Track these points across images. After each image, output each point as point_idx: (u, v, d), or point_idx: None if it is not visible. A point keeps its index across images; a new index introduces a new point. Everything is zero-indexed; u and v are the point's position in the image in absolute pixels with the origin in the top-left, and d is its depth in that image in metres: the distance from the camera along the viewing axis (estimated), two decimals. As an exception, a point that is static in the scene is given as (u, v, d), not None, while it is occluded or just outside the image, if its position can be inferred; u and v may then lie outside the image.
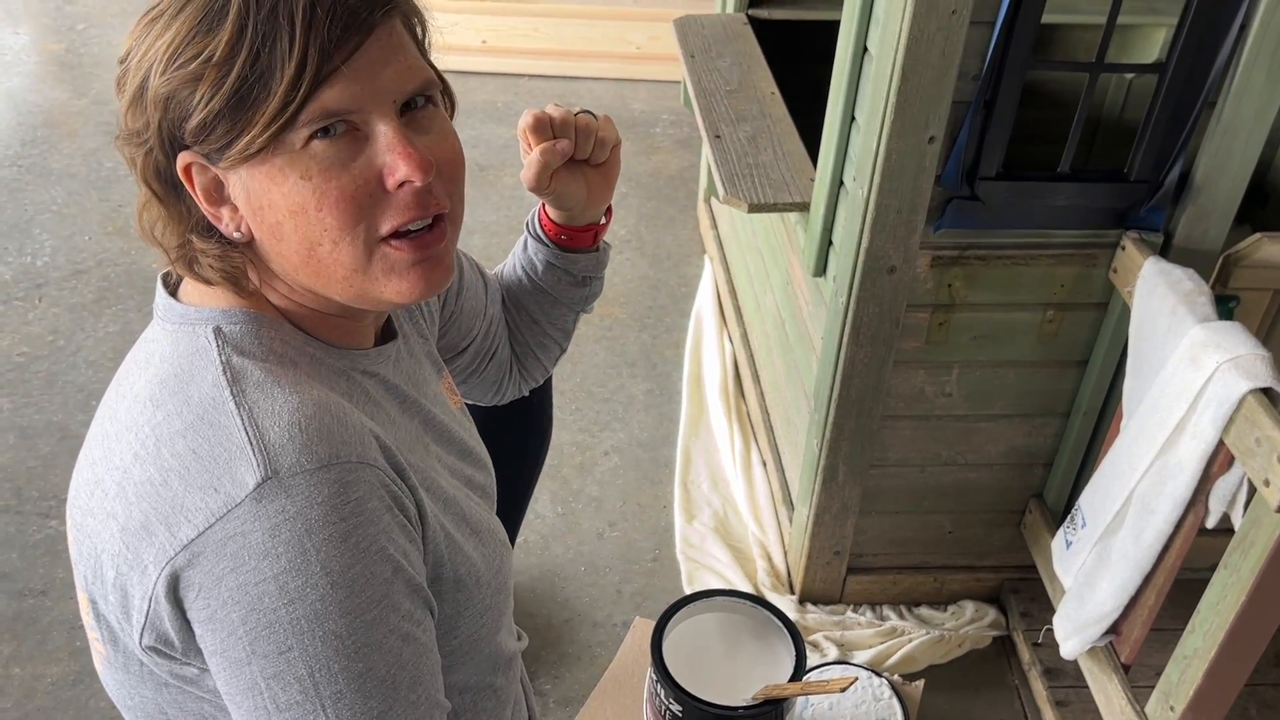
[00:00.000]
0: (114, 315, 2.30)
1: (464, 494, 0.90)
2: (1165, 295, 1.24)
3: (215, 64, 0.70)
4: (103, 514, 0.75)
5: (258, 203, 0.74)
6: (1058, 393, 1.50)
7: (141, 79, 0.72)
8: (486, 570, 0.88)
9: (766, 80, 1.90)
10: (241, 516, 0.69)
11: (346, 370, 0.82)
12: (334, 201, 0.73)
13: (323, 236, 0.74)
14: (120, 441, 0.75)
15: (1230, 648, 1.16)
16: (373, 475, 0.74)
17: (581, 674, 1.64)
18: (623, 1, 3.52)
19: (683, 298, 2.43)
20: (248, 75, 0.70)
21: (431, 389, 0.93)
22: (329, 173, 0.72)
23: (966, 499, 1.62)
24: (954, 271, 1.37)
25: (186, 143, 0.73)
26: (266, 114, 0.70)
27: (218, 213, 0.76)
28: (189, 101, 0.71)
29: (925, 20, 1.16)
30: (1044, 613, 1.61)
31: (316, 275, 0.76)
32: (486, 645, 0.92)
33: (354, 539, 0.71)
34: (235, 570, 0.69)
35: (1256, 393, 1.08)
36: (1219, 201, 1.30)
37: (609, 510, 1.92)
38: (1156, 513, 1.22)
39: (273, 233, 0.75)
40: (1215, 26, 1.19)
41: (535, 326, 1.16)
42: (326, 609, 0.70)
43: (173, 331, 0.78)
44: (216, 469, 0.70)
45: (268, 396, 0.73)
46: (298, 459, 0.70)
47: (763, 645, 1.36)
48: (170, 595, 0.71)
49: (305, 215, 0.73)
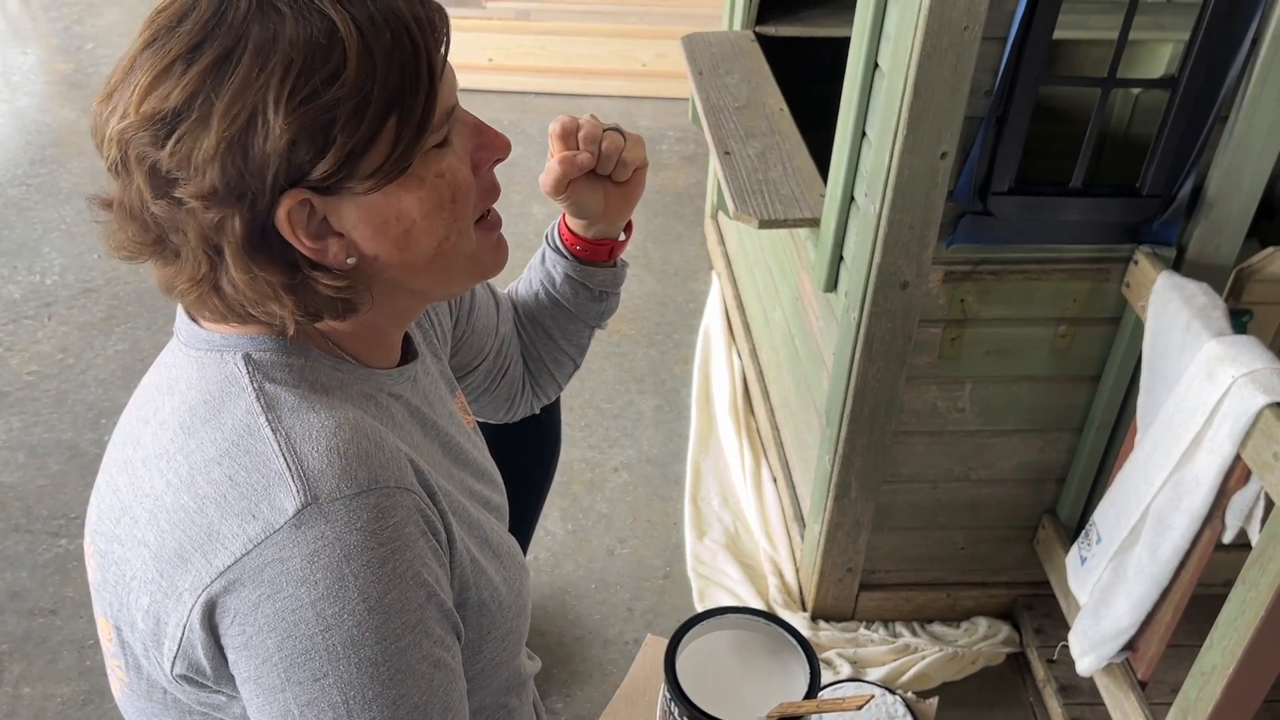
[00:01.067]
0: (123, 334, 2.30)
1: (484, 516, 0.90)
2: (1179, 310, 1.24)
3: (352, 89, 0.67)
4: (132, 541, 0.74)
5: (383, 218, 0.73)
6: (1071, 408, 1.50)
7: (246, 121, 0.66)
8: (508, 593, 0.88)
9: (775, 96, 1.90)
10: (280, 543, 0.69)
11: (373, 394, 0.81)
12: (464, 191, 0.77)
13: (452, 228, 0.77)
14: (149, 469, 0.75)
15: (1249, 663, 1.15)
16: (409, 500, 0.74)
17: (593, 692, 1.63)
18: (629, 19, 3.54)
19: (691, 314, 2.43)
20: (384, 95, 0.69)
21: (446, 408, 0.94)
22: (453, 165, 0.76)
23: (979, 515, 1.61)
24: (966, 286, 1.37)
25: (301, 182, 0.69)
26: (409, 129, 0.70)
27: (322, 246, 0.73)
28: (325, 134, 0.67)
29: (937, 37, 1.16)
30: (1058, 629, 1.60)
31: (440, 270, 0.79)
32: (506, 668, 0.92)
33: (391, 564, 0.71)
34: (272, 597, 0.69)
35: (1274, 407, 1.08)
36: (1232, 216, 1.30)
37: (619, 527, 1.92)
38: (1173, 528, 1.21)
39: (398, 244, 0.75)
40: (1227, 40, 1.19)
41: (550, 341, 1.16)
42: (363, 635, 0.70)
43: (198, 358, 0.77)
44: (254, 495, 0.70)
45: (303, 422, 0.72)
46: (337, 484, 0.70)
47: (777, 663, 1.36)
48: (205, 623, 0.71)
49: (441, 212, 0.75)
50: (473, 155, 0.78)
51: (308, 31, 0.67)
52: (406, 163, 0.71)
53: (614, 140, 1.00)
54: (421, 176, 0.73)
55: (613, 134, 1.00)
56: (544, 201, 2.84)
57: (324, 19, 0.67)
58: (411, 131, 0.70)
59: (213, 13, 0.68)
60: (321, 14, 0.67)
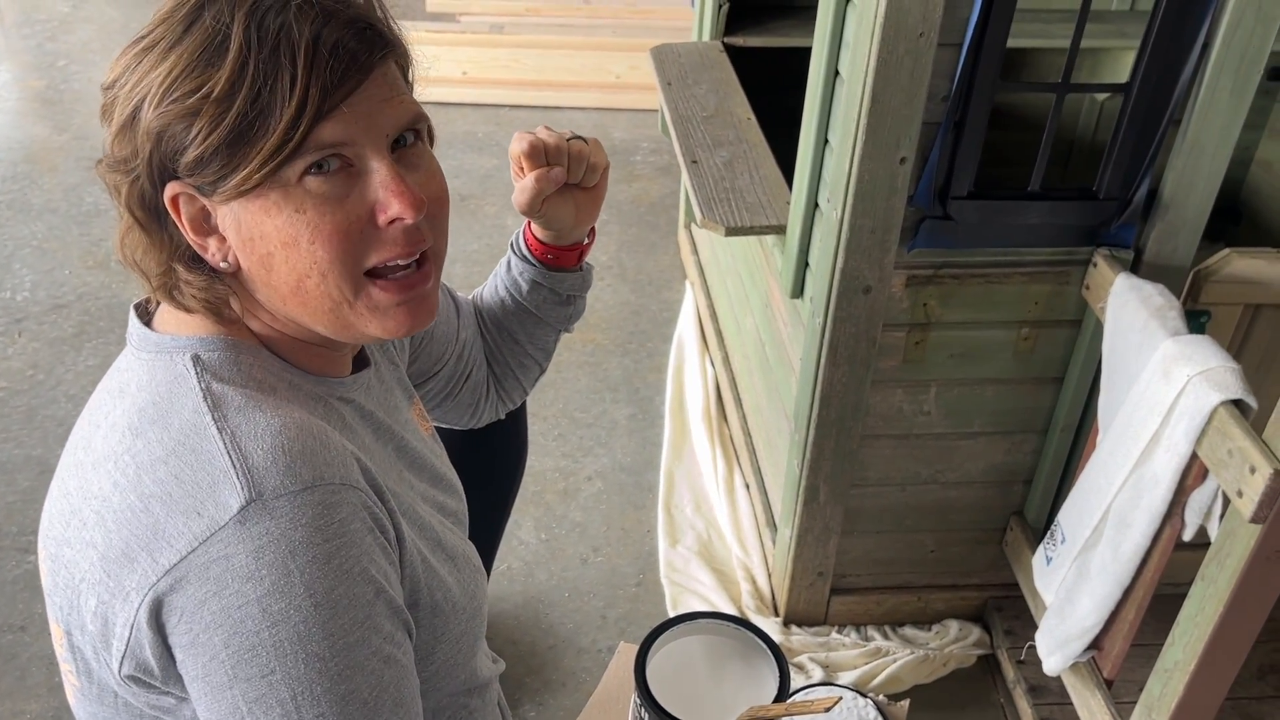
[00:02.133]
0: (94, 349, 2.29)
1: (438, 520, 0.90)
2: (1137, 311, 1.25)
3: (215, 100, 0.70)
4: (81, 543, 0.75)
5: (249, 234, 0.75)
6: (1035, 409, 1.51)
7: (133, 109, 0.72)
8: (462, 596, 0.88)
9: (742, 106, 1.92)
10: (225, 540, 0.69)
11: (324, 396, 0.82)
12: (327, 236, 0.74)
13: (312, 269, 0.75)
14: (98, 471, 0.75)
15: (1210, 660, 1.17)
16: (355, 497, 0.74)
17: (566, 700, 1.63)
18: (602, 32, 3.56)
19: (664, 323, 2.44)
20: (248, 112, 0.70)
21: (403, 415, 0.94)
22: (323, 207, 0.74)
23: (948, 517, 1.63)
24: (929, 290, 1.38)
25: (178, 174, 0.73)
26: (264, 150, 0.71)
27: (204, 243, 0.76)
28: (184, 136, 0.72)
29: (894, 43, 1.18)
30: (1028, 630, 1.61)
31: (303, 306, 0.77)
32: (462, 670, 0.92)
33: (337, 560, 0.71)
34: (218, 594, 0.69)
35: (1228, 404, 1.10)
36: (1187, 218, 1.32)
37: (592, 535, 1.92)
38: (1134, 526, 1.23)
39: (262, 263, 0.76)
40: (1178, 46, 1.21)
41: (516, 346, 1.17)
42: (310, 631, 0.70)
43: (149, 360, 0.78)
44: (199, 493, 0.70)
45: (249, 420, 0.73)
46: (281, 481, 0.71)
47: (747, 667, 1.36)
48: (152, 621, 0.71)
49: (297, 248, 0.74)
50: (372, 204, 0.76)
51: (206, 42, 0.71)
52: (250, 184, 0.72)
53: (579, 148, 1.01)
54: (280, 205, 0.73)
55: (576, 142, 1.01)
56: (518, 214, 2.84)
57: (225, 34, 0.71)
58: (264, 155, 0.71)
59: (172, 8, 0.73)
60: (226, 29, 0.71)
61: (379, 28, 0.76)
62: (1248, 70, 1.21)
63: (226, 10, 0.71)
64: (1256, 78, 1.22)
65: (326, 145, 0.73)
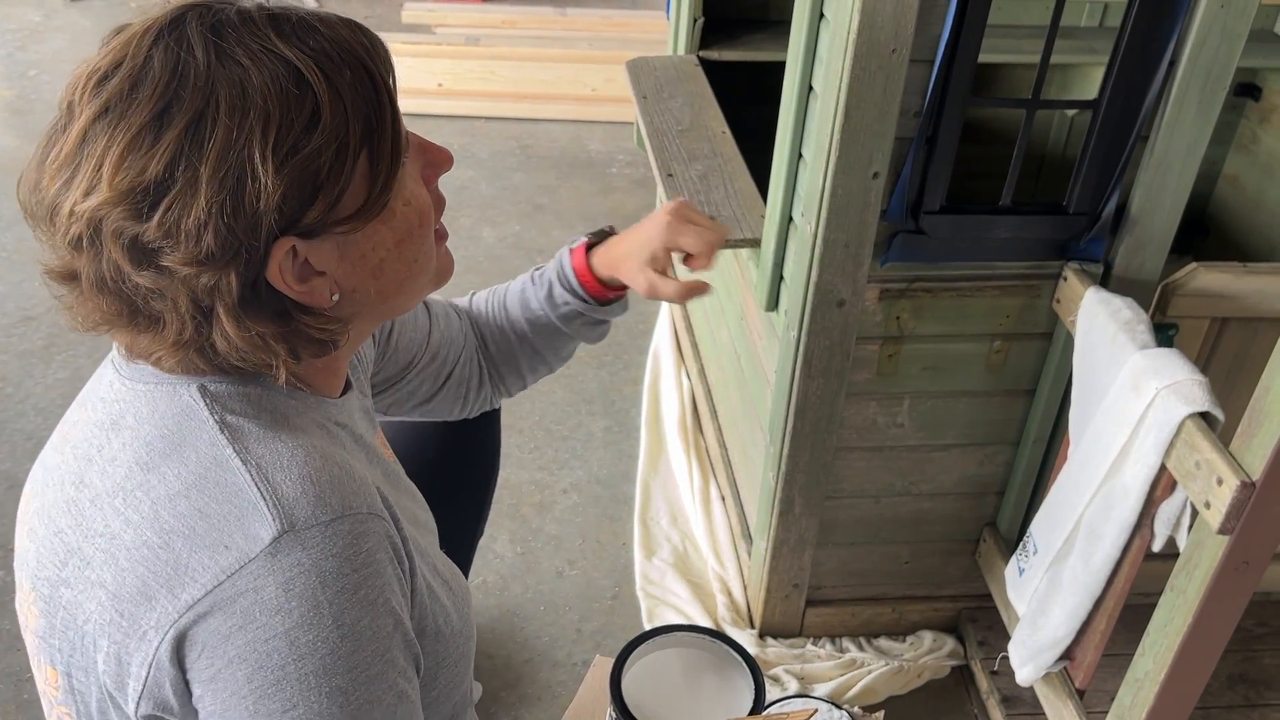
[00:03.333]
0: (64, 362, 2.27)
1: (428, 542, 0.90)
2: (1106, 324, 1.27)
3: (330, 132, 0.67)
4: (85, 583, 0.72)
5: (359, 251, 0.73)
6: (1007, 422, 1.53)
7: (235, 183, 0.65)
8: (458, 619, 0.88)
9: (717, 120, 1.93)
10: (255, 572, 0.68)
11: (323, 423, 0.81)
12: (427, 212, 0.78)
13: (419, 250, 0.78)
14: (100, 508, 0.73)
15: (1180, 669, 1.18)
16: (381, 526, 0.73)
17: (541, 714, 1.63)
18: (578, 44, 3.57)
19: (640, 335, 2.44)
20: (359, 131, 0.69)
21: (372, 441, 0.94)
22: (414, 190, 0.77)
23: (922, 529, 1.63)
24: (902, 304, 1.40)
25: (288, 232, 0.68)
26: (384, 161, 0.71)
27: (309, 289, 0.72)
28: (313, 182, 0.67)
29: (866, 59, 1.19)
30: (1001, 641, 1.62)
31: (409, 290, 0.80)
32: (457, 692, 0.92)
33: (364, 591, 0.70)
34: (244, 627, 0.68)
35: (1195, 417, 1.11)
36: (1155, 232, 1.34)
37: (568, 549, 1.92)
38: (1104, 538, 1.24)
39: (373, 273, 0.75)
40: (1146, 62, 1.23)
41: (536, 355, 1.20)
42: (335, 663, 0.69)
43: (146, 392, 0.75)
44: (227, 526, 0.69)
45: (272, 451, 0.72)
46: (313, 511, 0.69)
47: (722, 680, 1.36)
48: (173, 658, 0.69)
49: (411, 237, 0.76)
50: (422, 173, 0.79)
51: (275, 80, 0.66)
52: (387, 196, 0.72)
53: (721, 233, 1.11)
54: (393, 208, 0.74)
55: (720, 227, 1.11)
56: (494, 225, 2.85)
57: (286, 65, 0.67)
58: (386, 165, 0.71)
59: (170, 73, 0.66)
60: (283, 59, 0.67)
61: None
62: (1214, 86, 1.23)
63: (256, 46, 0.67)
64: (1222, 94, 1.24)
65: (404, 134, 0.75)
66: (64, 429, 0.81)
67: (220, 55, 0.66)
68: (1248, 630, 1.64)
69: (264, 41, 0.67)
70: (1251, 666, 1.60)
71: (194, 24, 0.67)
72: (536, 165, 3.13)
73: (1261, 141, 2.02)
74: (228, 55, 0.66)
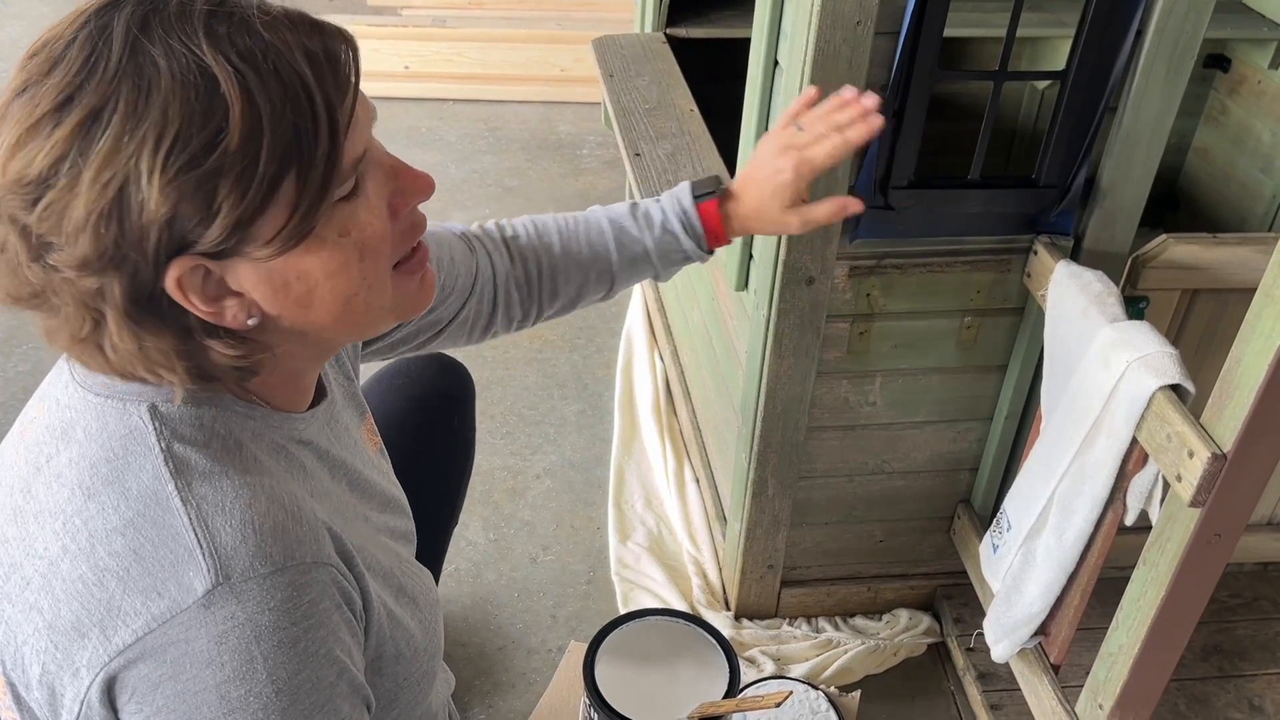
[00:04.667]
0: (24, 354, 2.22)
1: (395, 558, 0.87)
2: (1076, 297, 1.26)
3: (236, 152, 0.61)
4: (24, 604, 0.70)
5: (282, 280, 0.67)
6: (979, 398, 1.52)
7: (116, 194, 0.60)
8: (423, 637, 0.86)
9: (685, 98, 1.90)
10: (186, 623, 0.65)
11: (283, 444, 0.77)
12: (374, 248, 0.70)
13: (361, 285, 0.70)
14: (41, 526, 0.70)
15: (1153, 642, 1.18)
16: (326, 575, 0.70)
17: (516, 702, 1.61)
18: (546, 24, 3.53)
19: (613, 318, 2.42)
20: (276, 154, 0.62)
21: (352, 437, 0.90)
22: (362, 222, 0.69)
23: (896, 507, 1.63)
24: (872, 281, 1.38)
25: (188, 250, 0.63)
26: (310, 189, 0.64)
27: (219, 310, 0.67)
28: (208, 203, 0.61)
29: (831, 32, 1.17)
30: (977, 618, 1.62)
31: (344, 327, 0.72)
32: (420, 706, 0.90)
33: (304, 643, 0.67)
34: (173, 678, 0.65)
35: (1166, 389, 1.10)
36: (1125, 204, 1.33)
37: (542, 534, 1.90)
38: (1077, 512, 1.23)
39: (300, 303, 0.69)
40: (1112, 33, 1.21)
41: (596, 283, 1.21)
42: (268, 717, 0.66)
43: (98, 405, 0.71)
44: (161, 572, 0.66)
45: (217, 490, 0.68)
46: (251, 563, 0.66)
47: (698, 663, 1.35)
48: (104, 699, 0.67)
49: (347, 271, 0.69)
50: (390, 200, 0.71)
51: (184, 87, 0.60)
52: (309, 226, 0.65)
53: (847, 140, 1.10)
54: (324, 237, 0.67)
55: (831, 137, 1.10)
56: (463, 208, 2.81)
57: (203, 71, 0.61)
58: (312, 193, 0.64)
59: (82, 63, 0.61)
60: (201, 66, 0.61)
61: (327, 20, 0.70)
62: (1181, 57, 1.22)
63: (177, 44, 0.61)
64: (1189, 64, 1.23)
65: (356, 160, 0.67)
66: (22, 423, 0.78)
67: (136, 51, 0.61)
68: (1221, 602, 1.65)
69: (190, 42, 0.62)
70: (1225, 638, 1.60)
71: (127, 11, 0.63)
72: (505, 147, 3.10)
73: (1231, 113, 2.02)
74: (144, 52, 0.61)
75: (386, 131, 3.17)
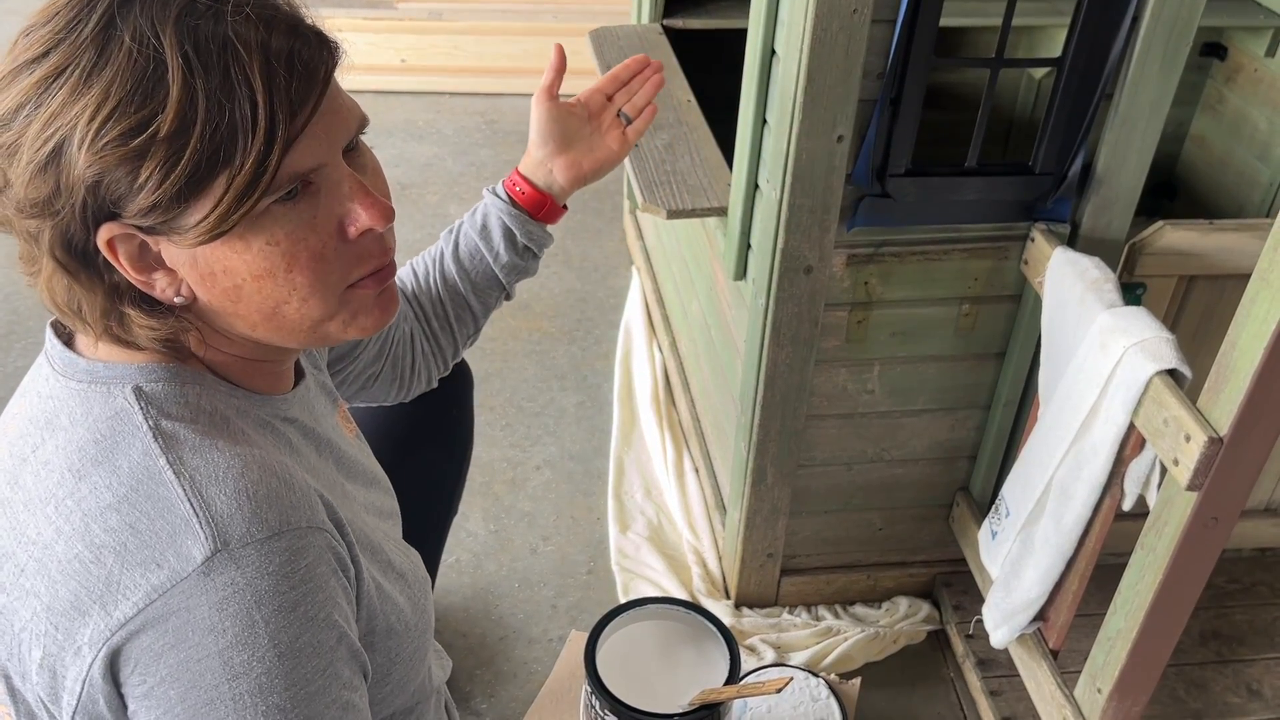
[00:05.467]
0: (23, 350, 2.23)
1: (382, 534, 0.88)
2: (1073, 284, 1.26)
3: (164, 139, 0.63)
4: (19, 590, 0.71)
5: (208, 269, 0.69)
6: (978, 385, 1.52)
7: (53, 149, 0.64)
8: (413, 613, 0.86)
9: (682, 88, 1.91)
10: (186, 591, 0.66)
11: (269, 420, 0.78)
12: (305, 262, 0.70)
13: (291, 295, 0.71)
14: (32, 513, 0.71)
15: (1151, 627, 1.18)
16: (321, 539, 0.71)
17: (517, 691, 1.62)
18: (543, 17, 3.52)
19: (611, 309, 2.43)
20: (206, 149, 0.63)
21: (331, 420, 0.91)
22: (296, 234, 0.69)
23: (895, 495, 1.63)
24: (869, 269, 1.38)
25: (119, 216, 0.66)
26: (234, 190, 0.65)
27: (149, 279, 0.70)
28: (129, 180, 0.64)
29: (827, 20, 1.17)
30: (976, 605, 1.63)
31: (278, 330, 0.73)
32: (412, 683, 0.91)
33: (303, 608, 0.68)
34: (176, 646, 0.66)
35: (1162, 374, 1.11)
36: (1121, 191, 1.33)
37: (542, 525, 1.91)
38: (1075, 498, 1.24)
39: (228, 296, 0.70)
40: (1108, 20, 1.22)
41: (459, 298, 1.17)
42: (272, 682, 0.67)
43: (80, 391, 0.73)
44: (158, 544, 0.67)
45: (208, 462, 0.69)
46: (247, 529, 0.67)
47: (698, 651, 1.36)
48: (107, 674, 0.68)
49: (273, 279, 0.69)
50: (340, 220, 0.71)
51: (134, 66, 0.63)
52: (227, 225, 0.66)
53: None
54: (247, 240, 0.67)
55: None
56: (461, 201, 2.81)
57: (157, 56, 0.63)
58: (235, 195, 0.65)
59: (65, 24, 0.65)
60: (156, 51, 0.63)
61: (317, 26, 0.71)
62: (1176, 44, 1.22)
63: (145, 24, 0.64)
64: (1185, 51, 1.23)
65: (299, 172, 0.67)
66: (4, 421, 0.79)
67: (109, 24, 0.64)
68: (1219, 587, 1.65)
69: (158, 26, 0.64)
70: (1223, 623, 1.61)
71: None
72: (502, 140, 3.10)
73: (1228, 101, 2.02)
74: (115, 26, 0.64)
75: (383, 125, 3.17)
